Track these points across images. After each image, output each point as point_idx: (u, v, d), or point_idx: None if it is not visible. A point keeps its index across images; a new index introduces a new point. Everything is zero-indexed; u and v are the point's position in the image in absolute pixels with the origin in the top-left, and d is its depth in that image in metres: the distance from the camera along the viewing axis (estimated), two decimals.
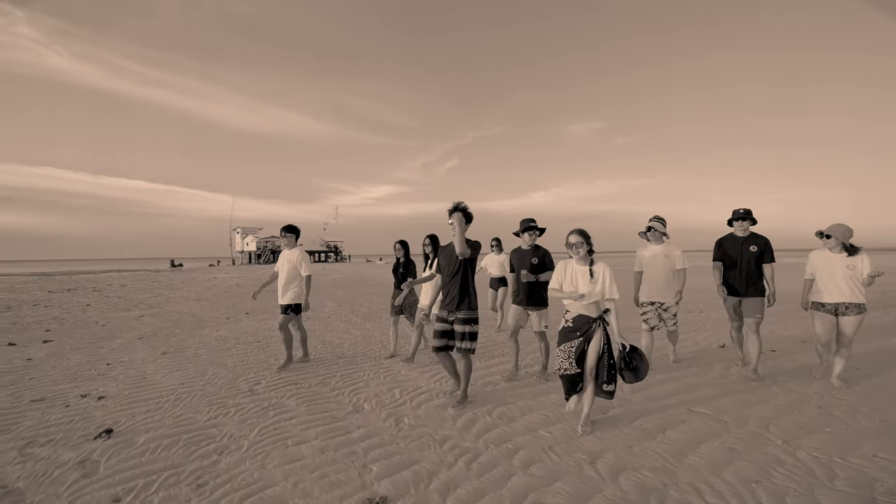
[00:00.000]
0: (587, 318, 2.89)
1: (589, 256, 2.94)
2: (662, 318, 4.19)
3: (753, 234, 3.95)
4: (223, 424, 3.17)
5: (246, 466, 2.54)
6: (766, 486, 2.22)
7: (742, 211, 3.93)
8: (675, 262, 4.10)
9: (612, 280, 2.86)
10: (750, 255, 3.87)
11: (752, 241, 3.90)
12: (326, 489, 2.28)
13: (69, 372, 4.68)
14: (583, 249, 2.91)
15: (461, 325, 3.36)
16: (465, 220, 3.22)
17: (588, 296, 2.83)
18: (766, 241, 3.89)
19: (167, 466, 2.55)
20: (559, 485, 2.27)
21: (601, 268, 2.89)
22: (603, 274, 2.87)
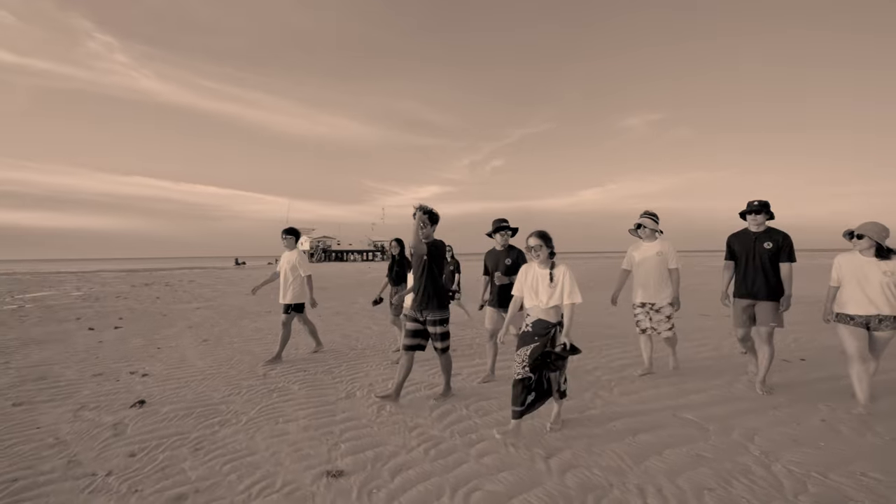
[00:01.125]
0: (546, 322, 2.80)
1: (550, 259, 2.86)
2: (653, 321, 3.98)
3: (771, 229, 3.53)
4: (232, 402, 3.61)
5: (238, 437, 2.91)
6: (719, 495, 2.14)
7: (757, 203, 3.51)
8: (667, 261, 3.86)
9: (573, 284, 2.76)
10: (764, 253, 3.47)
11: (768, 238, 3.48)
12: (296, 460, 2.57)
13: (127, 353, 5.49)
14: (543, 252, 2.82)
15: (432, 325, 3.43)
16: (430, 221, 3.36)
17: (547, 300, 2.78)
18: (784, 237, 3.46)
19: (177, 432, 3.00)
20: (504, 475, 2.36)
21: (561, 271, 2.79)
22: (563, 278, 2.77)
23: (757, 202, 3.50)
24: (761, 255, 3.48)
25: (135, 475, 2.43)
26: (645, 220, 3.93)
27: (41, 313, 9.52)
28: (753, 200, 3.52)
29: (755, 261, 3.50)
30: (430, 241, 3.42)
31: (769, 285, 3.47)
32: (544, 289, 2.81)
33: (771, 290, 3.47)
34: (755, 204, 3.50)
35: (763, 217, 3.52)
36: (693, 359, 4.68)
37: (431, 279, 3.43)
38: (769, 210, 3.52)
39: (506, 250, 4.01)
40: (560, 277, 2.78)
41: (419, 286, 3.45)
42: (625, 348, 5.25)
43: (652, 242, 3.94)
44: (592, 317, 7.60)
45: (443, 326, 3.47)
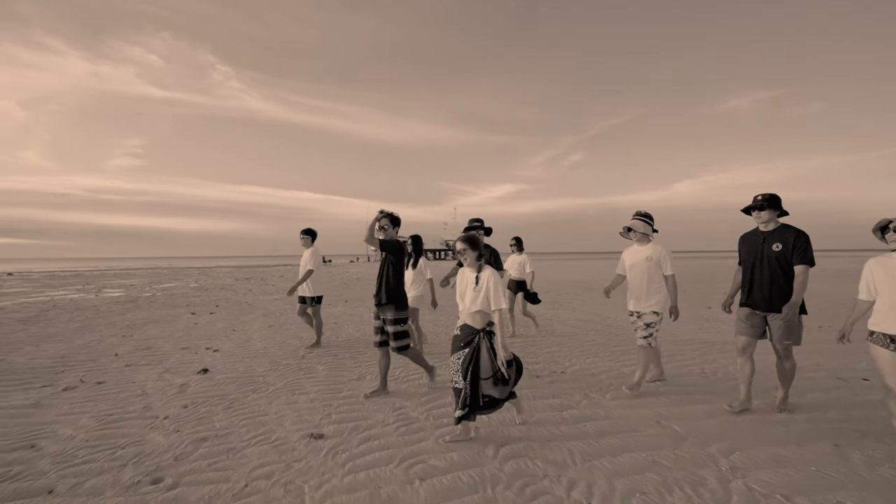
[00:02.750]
0: (471, 328, 2.77)
1: (478, 262, 2.81)
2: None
3: (783, 227, 3.05)
4: (268, 376, 4.37)
5: (260, 402, 3.58)
6: (650, 500, 2.13)
7: (761, 198, 3.03)
8: (660, 267, 3.56)
9: (498, 289, 2.67)
10: (772, 256, 2.99)
11: (777, 238, 3.00)
12: (294, 423, 3.12)
13: (210, 333, 6.76)
14: (469, 256, 2.79)
15: (389, 325, 3.53)
16: (392, 223, 3.63)
17: (471, 304, 2.75)
18: (797, 237, 2.95)
19: (220, 394, 3.79)
20: (452, 455, 2.61)
21: (486, 275, 2.73)
22: (487, 282, 2.70)
23: (762, 196, 3.03)
24: (769, 258, 3.00)
25: (181, 421, 3.20)
26: (634, 221, 3.67)
27: (164, 300, 11.90)
28: (758, 195, 3.06)
29: (762, 265, 3.04)
30: (392, 239, 3.60)
31: (781, 294, 2.97)
32: (470, 292, 2.77)
33: (784, 299, 2.97)
34: (759, 199, 3.03)
35: (769, 214, 3.02)
36: (719, 371, 4.30)
37: (388, 278, 3.51)
38: (778, 205, 3.03)
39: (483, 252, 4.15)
40: (485, 281, 2.72)
41: (378, 284, 3.55)
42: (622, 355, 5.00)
43: (644, 246, 3.67)
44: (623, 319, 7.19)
45: (398, 326, 3.51)
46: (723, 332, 6.35)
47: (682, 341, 5.72)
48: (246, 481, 2.34)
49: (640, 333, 3.61)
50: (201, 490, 2.25)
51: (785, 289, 2.99)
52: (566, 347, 5.51)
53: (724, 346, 5.43)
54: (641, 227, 3.65)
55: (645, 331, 3.59)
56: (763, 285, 3.05)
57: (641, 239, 3.67)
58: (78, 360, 5.08)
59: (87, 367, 4.73)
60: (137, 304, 10.83)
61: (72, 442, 2.85)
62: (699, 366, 4.53)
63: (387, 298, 3.52)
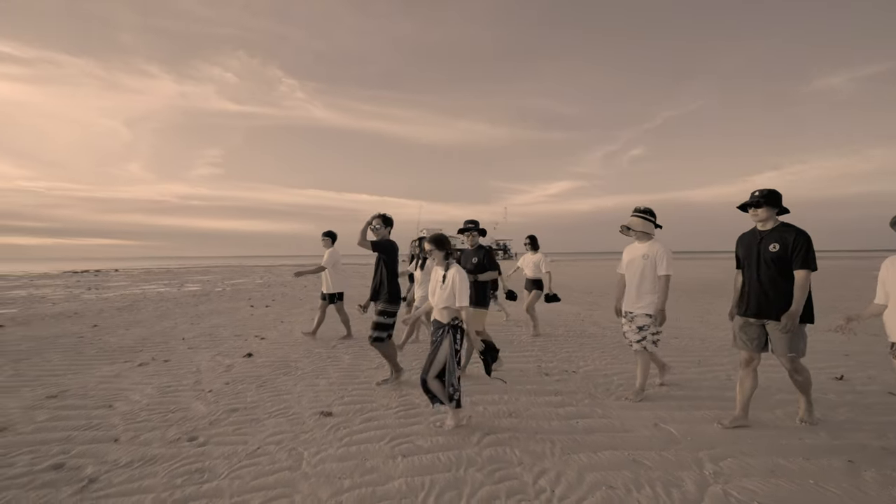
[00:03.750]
0: (439, 322, 2.93)
1: (445, 261, 2.94)
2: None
3: (783, 226, 2.77)
4: (300, 362, 4.87)
5: (287, 383, 4.05)
6: (614, 495, 2.16)
7: (758, 193, 2.76)
8: (655, 266, 3.37)
9: (462, 287, 2.80)
10: (768, 258, 2.73)
11: (776, 238, 2.73)
12: (310, 401, 3.52)
13: (262, 324, 7.56)
14: (437, 255, 2.95)
15: (376, 315, 3.81)
16: (385, 223, 3.87)
17: (438, 300, 2.91)
18: (796, 237, 2.67)
19: (256, 375, 4.33)
20: (439, 438, 2.80)
21: (451, 273, 2.87)
22: (452, 280, 2.84)
23: (759, 192, 2.78)
24: (766, 260, 2.75)
25: (221, 394, 3.74)
26: (632, 219, 3.52)
27: (231, 294, 13.36)
28: (756, 190, 2.81)
29: (758, 268, 2.79)
30: (383, 240, 3.86)
31: (778, 301, 2.71)
32: (438, 290, 2.92)
33: (782, 308, 2.70)
34: (756, 194, 2.78)
35: (766, 212, 2.76)
36: None
37: (381, 275, 3.82)
38: (776, 202, 2.76)
39: (474, 250, 4.25)
40: (450, 279, 2.86)
41: (374, 280, 3.88)
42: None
43: (644, 243, 3.48)
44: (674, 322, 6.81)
45: (380, 317, 3.74)
46: None
47: (716, 347, 5.37)
48: (259, 445, 2.74)
49: (633, 337, 3.47)
50: (223, 449, 2.69)
51: (783, 295, 2.71)
52: (587, 348, 5.44)
53: None
54: (640, 224, 3.49)
55: (637, 334, 3.44)
56: (758, 291, 2.80)
57: (642, 237, 3.51)
58: (154, 342, 6.02)
59: (159, 348, 5.60)
60: (209, 297, 12.29)
61: (137, 405, 3.48)
62: (726, 373, 4.27)
63: (378, 293, 3.82)
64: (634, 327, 3.46)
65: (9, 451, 2.66)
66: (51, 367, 4.69)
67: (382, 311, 3.80)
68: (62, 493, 2.21)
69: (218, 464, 2.50)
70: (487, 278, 4.13)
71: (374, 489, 2.22)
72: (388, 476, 2.35)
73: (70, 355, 5.20)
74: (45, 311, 9.45)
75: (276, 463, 2.51)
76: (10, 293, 14.08)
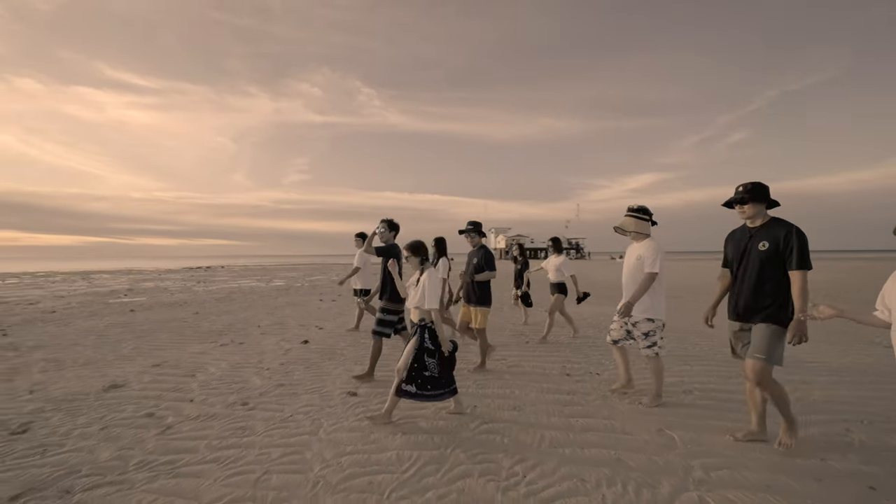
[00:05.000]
0: (413, 322, 3.15)
1: (420, 266, 3.16)
2: (633, 336, 3.42)
3: (774, 221, 2.56)
4: (346, 350, 5.49)
5: (330, 367, 4.64)
6: (580, 488, 2.23)
7: (742, 189, 2.57)
8: (642, 264, 3.25)
9: (430, 290, 2.98)
10: (757, 257, 2.53)
11: (765, 235, 2.53)
12: (343, 383, 4.03)
13: (325, 315, 8.50)
14: (412, 261, 3.19)
15: (378, 312, 4.03)
16: (389, 228, 4.12)
17: (410, 301, 3.14)
18: (788, 233, 2.45)
19: (306, 359, 5.02)
20: (441, 422, 3.08)
21: (423, 277, 3.06)
22: (423, 283, 3.03)
23: (742, 187, 2.57)
24: (754, 259, 2.55)
25: (275, 372, 4.45)
26: (625, 219, 3.40)
27: (307, 289, 14.98)
28: (739, 185, 2.60)
29: (747, 268, 2.59)
30: (387, 244, 4.09)
31: (764, 303, 2.51)
32: (411, 291, 3.15)
33: (766, 309, 2.51)
34: (740, 190, 2.58)
35: (753, 208, 2.56)
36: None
37: (385, 275, 4.02)
38: (763, 196, 2.54)
39: (476, 250, 4.39)
40: (422, 282, 3.05)
41: (380, 280, 4.11)
42: (690, 365, 4.48)
43: (639, 243, 3.38)
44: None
45: (382, 314, 3.98)
46: (811, 348, 5.06)
47: None
48: (291, 413, 3.29)
49: (642, 343, 3.36)
50: (265, 414, 3.29)
51: (771, 297, 2.50)
52: None
53: (802, 363, 4.44)
54: (632, 224, 3.37)
55: (645, 340, 3.32)
56: (745, 291, 2.60)
57: (637, 237, 3.40)
58: (236, 328, 7.17)
59: (238, 333, 6.67)
60: (289, 292, 13.95)
61: (212, 376, 4.31)
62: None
63: (382, 292, 4.07)
64: (640, 333, 3.38)
65: (122, 402, 3.55)
66: (159, 343, 5.91)
67: (384, 309, 4.02)
68: (150, 433, 2.94)
69: (258, 424, 3.08)
70: (484, 279, 4.30)
71: (369, 456, 2.59)
72: (384, 447, 2.71)
73: (174, 335, 6.47)
74: (164, 300, 11.61)
75: (300, 428, 3.02)
76: (143, 285, 17.41)
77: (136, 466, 2.49)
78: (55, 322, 7.82)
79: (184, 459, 2.57)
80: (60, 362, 4.84)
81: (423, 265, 3.20)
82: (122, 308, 9.90)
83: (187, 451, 2.67)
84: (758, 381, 2.52)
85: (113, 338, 6.27)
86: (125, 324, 7.57)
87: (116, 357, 5.11)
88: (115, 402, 3.56)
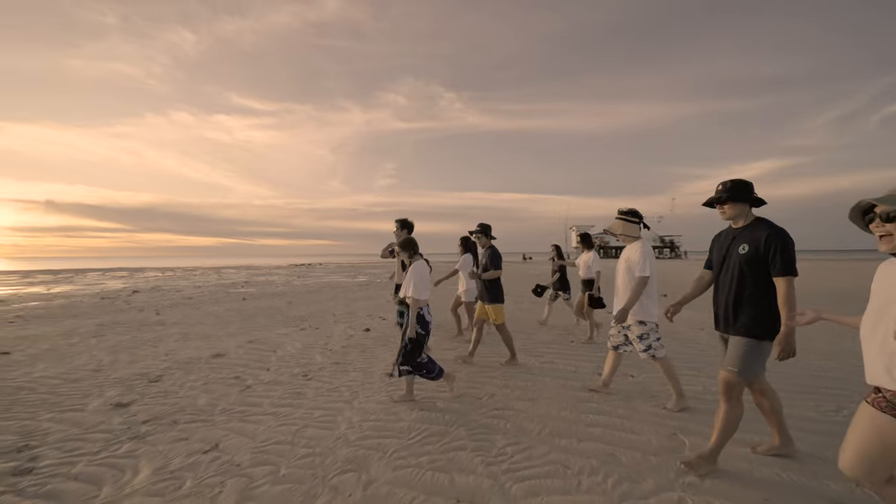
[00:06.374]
0: (401, 310, 3.45)
1: (410, 260, 3.56)
2: (630, 341, 3.29)
3: (757, 222, 2.34)
4: (395, 338, 6.04)
5: (380, 352, 5.27)
6: (566, 473, 2.38)
7: (722, 187, 2.38)
8: (632, 267, 3.17)
9: (411, 280, 3.39)
10: (737, 261, 2.33)
11: (746, 238, 2.32)
12: (386, 366, 4.58)
13: (390, 308, 9.34)
14: (404, 255, 3.62)
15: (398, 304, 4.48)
16: (402, 227, 4.49)
17: (402, 291, 3.52)
18: (769, 236, 2.22)
19: (363, 344, 5.73)
20: (455, 404, 3.42)
21: (410, 269, 3.47)
22: (409, 274, 3.46)
23: (722, 185, 2.38)
24: (734, 263, 2.35)
25: (335, 353, 5.22)
26: (613, 223, 3.38)
27: (385, 285, 16.33)
28: (719, 184, 2.40)
29: (727, 273, 2.40)
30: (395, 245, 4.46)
31: (743, 311, 2.29)
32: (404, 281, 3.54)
33: (742, 317, 2.30)
34: (720, 188, 2.39)
35: (734, 209, 2.36)
36: None
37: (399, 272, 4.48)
38: (745, 195, 2.33)
39: (485, 251, 4.57)
40: (408, 272, 3.46)
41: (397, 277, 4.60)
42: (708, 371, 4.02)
43: (629, 246, 3.39)
44: None
45: (401, 306, 4.34)
46: None
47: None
48: (337, 386, 3.93)
49: (638, 347, 3.32)
50: (317, 384, 3.98)
51: (751, 306, 2.28)
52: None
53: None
54: (619, 227, 3.36)
55: (640, 343, 3.29)
56: (725, 299, 2.39)
57: (626, 240, 3.39)
58: (317, 315, 8.33)
59: (317, 320, 7.78)
60: (368, 287, 15.38)
61: (287, 353, 5.24)
62: (821, 398, 3.42)
63: (398, 287, 4.52)
64: (634, 336, 3.35)
65: (221, 366, 4.59)
66: (257, 325, 7.23)
67: (402, 301, 4.40)
68: (234, 390, 3.82)
69: (310, 392, 3.78)
70: (490, 277, 4.48)
71: (386, 424, 3.06)
72: (400, 419, 3.15)
73: (268, 319, 7.82)
74: (269, 291, 13.77)
75: (340, 397, 3.62)
76: (257, 279, 20.65)
77: (220, 412, 3.31)
78: (190, 306, 9.95)
79: (251, 411, 3.33)
80: (187, 335, 6.30)
81: (413, 258, 3.62)
82: (237, 296, 12.08)
83: (255, 405, 3.44)
84: (722, 391, 2.34)
85: (226, 319, 7.83)
86: (237, 309, 9.30)
87: (225, 333, 6.44)
88: (217, 366, 4.62)
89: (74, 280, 20.35)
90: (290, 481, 2.32)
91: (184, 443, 2.78)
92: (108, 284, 17.33)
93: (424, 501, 2.14)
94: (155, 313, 8.64)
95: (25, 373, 4.39)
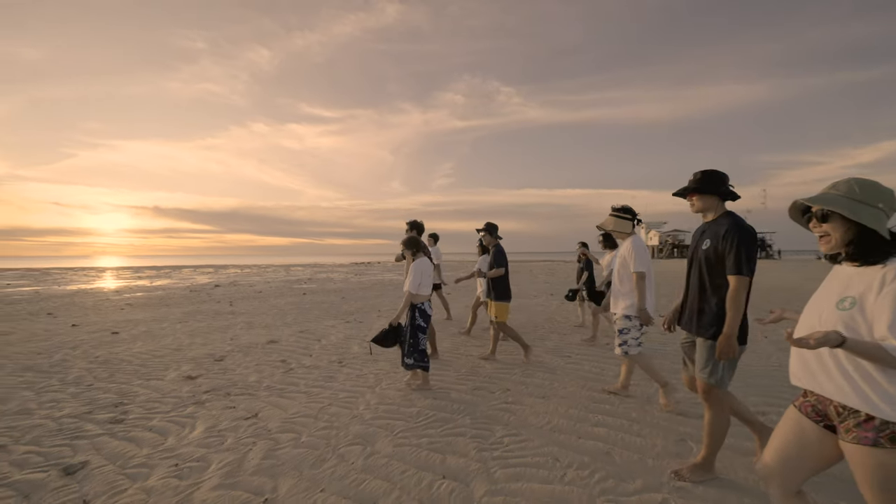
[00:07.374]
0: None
1: (413, 257, 3.83)
2: None
3: (724, 216, 2.20)
4: None
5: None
6: (553, 465, 2.47)
7: (692, 178, 2.26)
8: (626, 265, 3.14)
9: (409, 275, 3.68)
10: (700, 257, 2.23)
11: (710, 233, 2.20)
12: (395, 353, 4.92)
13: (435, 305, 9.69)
14: (407, 253, 3.89)
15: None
16: (411, 228, 4.71)
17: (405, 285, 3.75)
18: (727, 231, 2.10)
19: None
20: (467, 396, 3.62)
21: (411, 266, 3.73)
22: (409, 271, 3.70)
23: (693, 175, 2.26)
24: (698, 259, 2.26)
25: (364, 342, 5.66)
26: (606, 219, 3.37)
27: None
28: (693, 174, 2.28)
29: (695, 269, 2.29)
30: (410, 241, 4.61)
31: (702, 310, 2.21)
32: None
33: (703, 317, 2.21)
34: (690, 179, 2.27)
35: (703, 201, 2.24)
36: None
37: None
38: (714, 186, 2.20)
39: (492, 248, 4.62)
40: (408, 270, 3.74)
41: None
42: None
43: (623, 242, 3.44)
44: None
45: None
46: None
47: None
48: (366, 373, 4.32)
49: (616, 340, 3.32)
50: (348, 371, 4.41)
51: (705, 301, 2.20)
52: None
53: None
54: (611, 223, 3.38)
55: (618, 337, 3.29)
56: (689, 297, 2.33)
57: (619, 235, 3.42)
58: (364, 310, 8.95)
59: (363, 314, 8.38)
60: None
61: (329, 342, 5.80)
62: None
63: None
64: (615, 330, 3.38)
65: (273, 351, 5.24)
66: (310, 317, 7.99)
67: None
68: (278, 370, 4.38)
69: (340, 376, 4.21)
70: (494, 275, 4.54)
71: (398, 408, 3.36)
72: (412, 404, 3.43)
73: (320, 312, 8.58)
74: (327, 287, 14.91)
75: (366, 382, 4.00)
76: (318, 275, 22.35)
77: (264, 388, 3.85)
78: (258, 299, 11.18)
79: (289, 389, 3.82)
80: (251, 324, 7.18)
81: (415, 256, 3.87)
82: (299, 291, 13.29)
83: (293, 385, 3.94)
84: (704, 399, 2.24)
85: (285, 311, 8.75)
86: (296, 303, 10.29)
87: (282, 323, 7.24)
88: (269, 350, 5.28)
89: (172, 275, 23.69)
90: (307, 447, 2.70)
91: (231, 410, 3.32)
92: (197, 279, 19.95)
93: (414, 475, 2.38)
94: (229, 304, 9.88)
95: (127, 348, 5.39)
